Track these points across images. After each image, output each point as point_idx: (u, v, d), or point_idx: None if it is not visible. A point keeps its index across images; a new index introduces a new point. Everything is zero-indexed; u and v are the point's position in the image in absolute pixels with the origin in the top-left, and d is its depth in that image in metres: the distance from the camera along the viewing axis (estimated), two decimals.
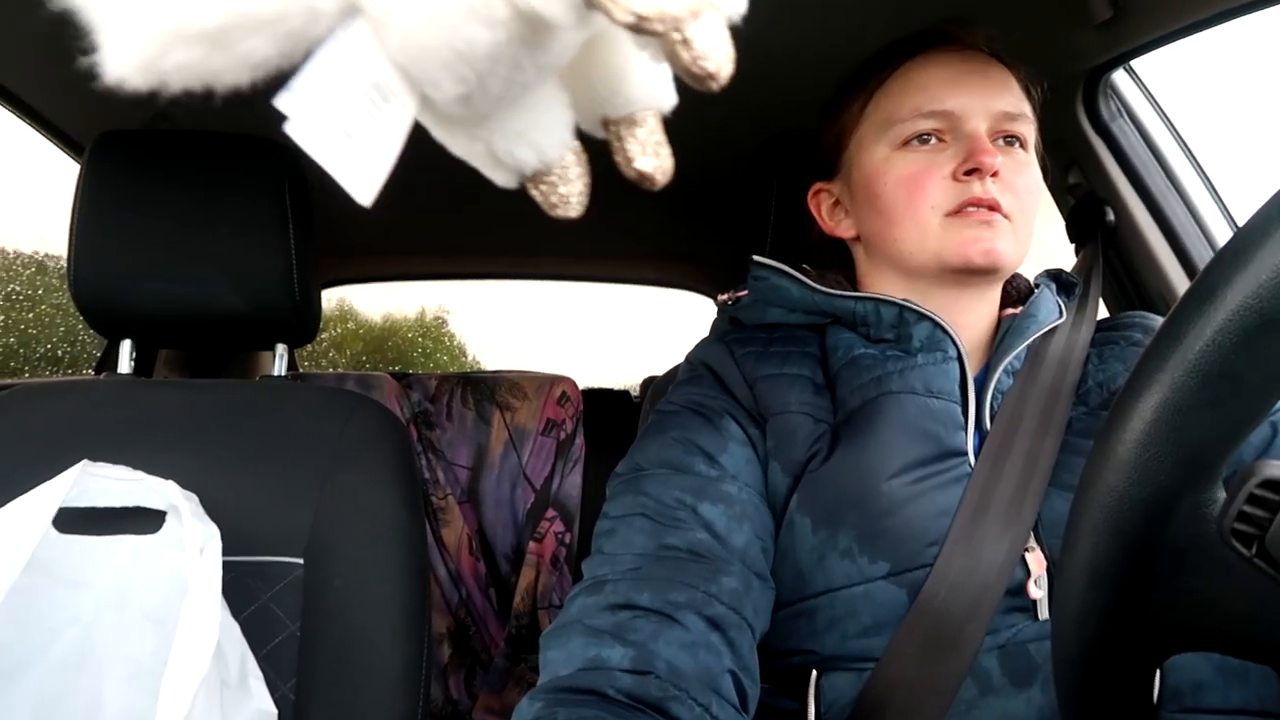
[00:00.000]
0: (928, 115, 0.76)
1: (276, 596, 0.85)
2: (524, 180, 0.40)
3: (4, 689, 0.75)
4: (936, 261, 0.76)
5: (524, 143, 0.38)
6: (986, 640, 0.64)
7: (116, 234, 1.00)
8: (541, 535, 1.62)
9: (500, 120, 0.37)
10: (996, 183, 0.74)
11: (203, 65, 0.29)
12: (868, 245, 0.83)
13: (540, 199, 0.41)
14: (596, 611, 0.63)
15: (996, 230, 0.74)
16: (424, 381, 1.72)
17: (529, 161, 0.39)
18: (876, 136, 0.79)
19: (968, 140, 0.75)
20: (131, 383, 1.03)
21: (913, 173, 0.76)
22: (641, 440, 0.77)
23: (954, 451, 0.71)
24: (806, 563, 0.69)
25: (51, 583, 0.78)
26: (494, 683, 1.56)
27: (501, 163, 0.39)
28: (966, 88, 0.76)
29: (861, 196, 0.81)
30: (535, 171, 0.39)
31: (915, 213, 0.76)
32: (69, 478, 0.75)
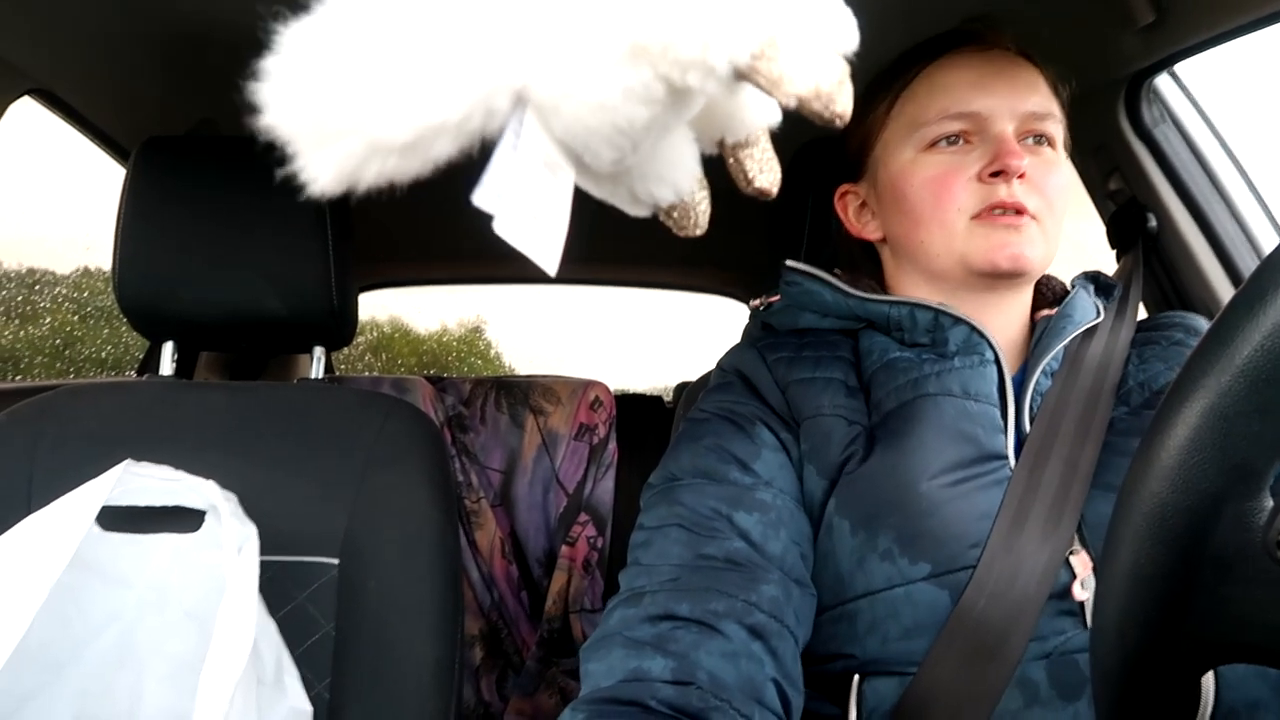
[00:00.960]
0: (954, 117, 0.75)
1: (312, 596, 0.86)
2: (657, 210, 0.43)
3: (48, 684, 0.77)
4: (962, 265, 0.75)
5: (663, 183, 0.41)
6: (1032, 648, 0.63)
7: (160, 238, 1.02)
8: (574, 539, 1.63)
9: (641, 168, 0.39)
10: (1024, 184, 0.73)
11: (393, 170, 0.32)
12: (894, 247, 0.83)
13: (672, 225, 0.43)
14: (636, 623, 0.62)
15: (1023, 234, 0.73)
16: (458, 385, 1.73)
17: (667, 199, 0.41)
18: (902, 139, 0.78)
19: (994, 142, 0.74)
20: (173, 384, 1.05)
21: (939, 174, 0.75)
22: (674, 449, 0.77)
23: (993, 455, 0.70)
24: (846, 565, 0.69)
25: (94, 580, 0.79)
26: (525, 686, 1.57)
27: (641, 202, 0.41)
28: (992, 88, 0.75)
29: (888, 199, 0.80)
30: (669, 206, 0.42)
31: (941, 215, 0.75)
32: (112, 476, 0.77)
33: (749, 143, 0.41)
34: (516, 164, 0.33)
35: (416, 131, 0.31)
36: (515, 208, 0.33)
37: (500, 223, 0.32)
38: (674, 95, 0.32)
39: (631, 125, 0.33)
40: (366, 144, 0.31)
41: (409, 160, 0.32)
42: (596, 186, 0.40)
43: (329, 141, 0.31)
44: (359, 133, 0.31)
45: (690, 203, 0.42)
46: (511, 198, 0.33)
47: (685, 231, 0.43)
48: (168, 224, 1.03)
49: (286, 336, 1.11)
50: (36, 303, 1.72)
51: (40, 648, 0.74)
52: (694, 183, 0.42)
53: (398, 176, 0.33)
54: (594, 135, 0.33)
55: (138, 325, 1.08)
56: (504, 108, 0.33)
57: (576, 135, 0.34)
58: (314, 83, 0.31)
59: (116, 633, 0.79)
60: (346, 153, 0.31)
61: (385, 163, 0.32)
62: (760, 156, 0.41)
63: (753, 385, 0.79)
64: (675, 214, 0.43)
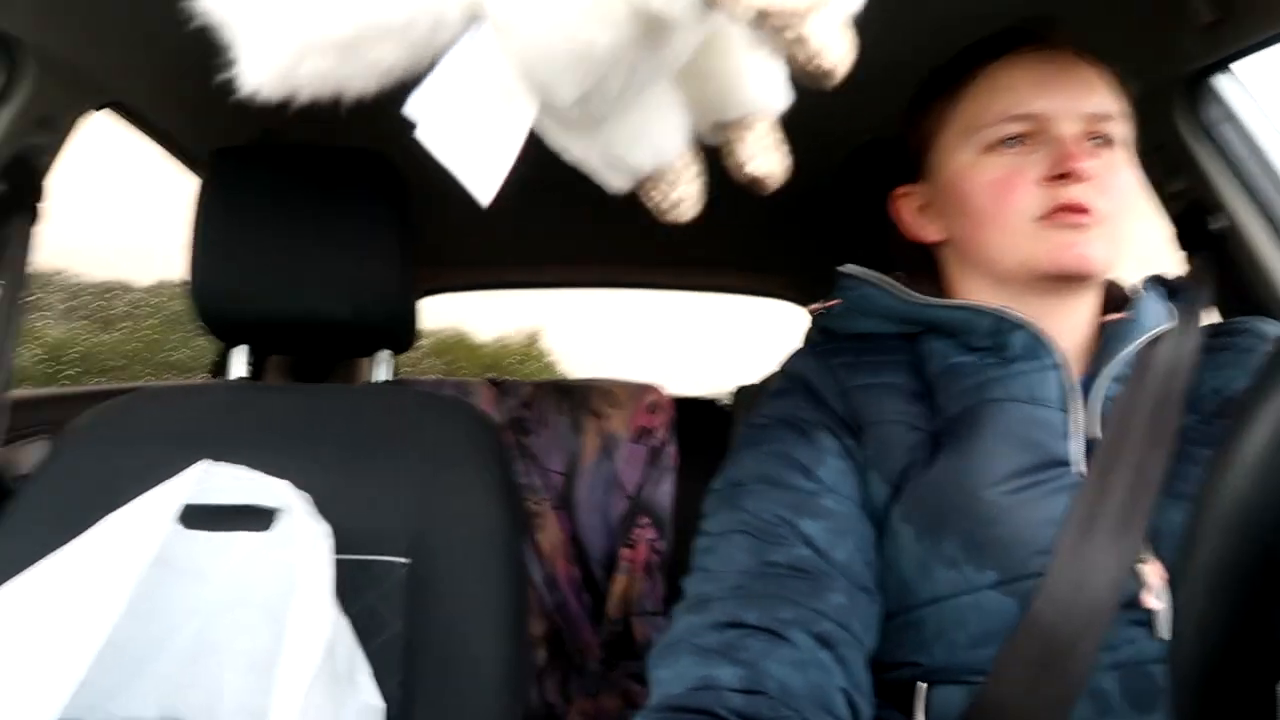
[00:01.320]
0: (1014, 119, 0.74)
1: (382, 595, 0.87)
2: (639, 184, 0.40)
3: (133, 676, 0.79)
4: (1026, 267, 0.73)
5: (641, 144, 0.38)
6: (1103, 657, 0.61)
7: (232, 245, 1.05)
8: (634, 542, 1.63)
9: (617, 122, 0.37)
10: (1089, 186, 0.71)
11: (333, 74, 0.31)
12: (956, 249, 0.81)
13: (654, 203, 0.41)
14: (703, 630, 0.62)
15: (1089, 234, 0.71)
16: (519, 388, 1.75)
17: (645, 163, 0.39)
18: (962, 140, 0.77)
19: (1057, 144, 0.72)
20: (247, 387, 1.08)
21: (1000, 177, 0.74)
22: (736, 455, 0.76)
23: (1058, 460, 0.68)
24: (911, 572, 0.68)
25: (174, 576, 0.82)
26: (589, 688, 1.57)
27: (618, 165, 0.39)
28: (1054, 89, 0.73)
29: (949, 201, 0.79)
30: (651, 174, 0.40)
31: (1004, 218, 0.73)
32: (192, 475, 0.79)
33: (745, 125, 0.39)
34: (461, 78, 0.31)
35: (355, 28, 0.30)
36: (452, 125, 0.31)
37: (426, 132, 0.31)
38: (639, 24, 0.31)
39: (591, 50, 0.31)
40: (304, 38, 0.30)
41: (350, 63, 0.31)
42: (567, 141, 0.38)
43: (267, 35, 0.30)
44: (297, 26, 0.30)
45: (675, 180, 0.40)
46: (450, 114, 0.31)
47: (668, 216, 0.40)
48: (238, 232, 1.05)
49: (352, 340, 1.13)
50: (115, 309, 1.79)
51: (125, 642, 0.76)
52: (677, 151, 0.40)
53: (339, 81, 0.31)
54: (552, 62, 0.32)
55: (211, 330, 1.11)
56: (454, 18, 0.31)
57: (534, 60, 0.32)
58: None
59: (196, 628, 0.82)
60: (281, 48, 0.30)
61: (322, 61, 0.30)
62: (756, 142, 0.39)
63: (814, 391, 0.78)
64: (659, 190, 0.40)
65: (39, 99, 1.06)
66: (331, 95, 0.31)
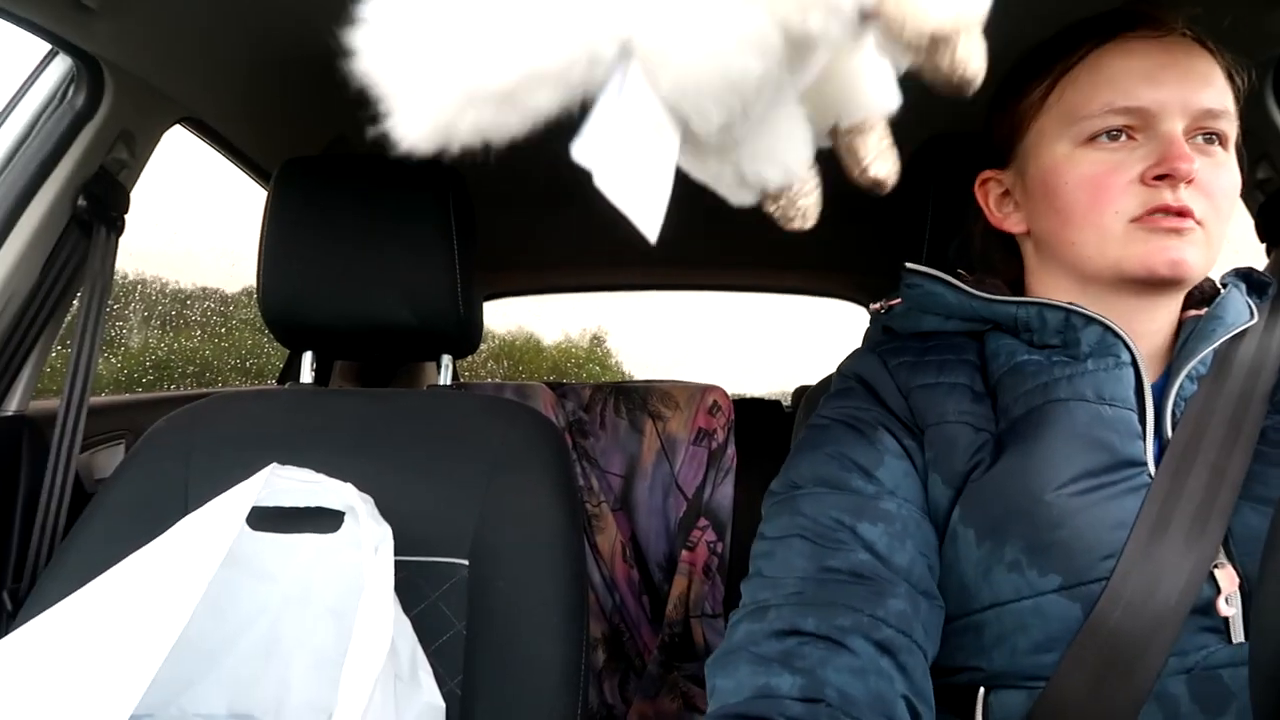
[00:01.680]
0: (1119, 111, 0.69)
1: (444, 595, 0.89)
2: (763, 198, 0.40)
3: (205, 672, 0.82)
4: (1116, 270, 0.70)
5: (772, 162, 0.38)
6: (1172, 663, 0.59)
7: (300, 253, 1.08)
8: (693, 544, 1.63)
9: (751, 143, 0.37)
10: (1190, 188, 0.67)
11: (491, 123, 0.31)
12: (1040, 244, 0.78)
13: (779, 214, 0.41)
14: (762, 638, 0.61)
15: (1186, 239, 0.67)
16: (578, 391, 1.76)
17: (775, 180, 0.39)
18: (1059, 130, 0.73)
19: (1162, 141, 0.68)
20: (313, 392, 1.11)
21: (1097, 173, 0.70)
22: (795, 456, 0.75)
23: (1130, 461, 0.66)
24: (971, 576, 0.66)
25: (244, 576, 0.84)
26: (647, 689, 1.58)
27: (748, 184, 0.39)
28: (1164, 82, 0.69)
29: (1037, 192, 0.76)
30: (777, 189, 0.40)
31: (1097, 217, 0.70)
32: (261, 479, 0.81)
33: (865, 128, 0.39)
34: (620, 117, 0.31)
35: (515, 78, 0.30)
36: (616, 163, 0.31)
37: (600, 178, 0.31)
38: (791, 48, 0.30)
39: (744, 79, 0.31)
40: (463, 91, 0.30)
41: (506, 112, 0.30)
42: (702, 164, 0.38)
43: (424, 89, 0.30)
44: (455, 79, 0.30)
45: (800, 190, 0.40)
46: (612, 152, 0.31)
47: (791, 224, 0.40)
48: (306, 240, 1.08)
49: (416, 345, 1.15)
50: (189, 317, 1.86)
51: (198, 638, 0.78)
52: (804, 166, 0.40)
53: (495, 131, 0.31)
54: (704, 91, 0.31)
55: (280, 336, 1.14)
56: (609, 57, 0.31)
57: (685, 91, 0.32)
58: (411, 26, 0.30)
59: (265, 626, 0.84)
60: (442, 101, 0.30)
61: (481, 113, 0.30)
62: (876, 144, 0.39)
63: (875, 391, 0.77)
64: (782, 202, 0.40)
65: (119, 116, 1.11)
66: (484, 141, 0.31)
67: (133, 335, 1.95)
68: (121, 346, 2.02)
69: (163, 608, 0.69)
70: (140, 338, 2.00)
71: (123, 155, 1.14)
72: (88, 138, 1.08)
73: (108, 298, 1.14)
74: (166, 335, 2.04)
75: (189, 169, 1.47)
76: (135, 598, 0.70)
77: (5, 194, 1.02)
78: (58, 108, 1.06)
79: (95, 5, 0.94)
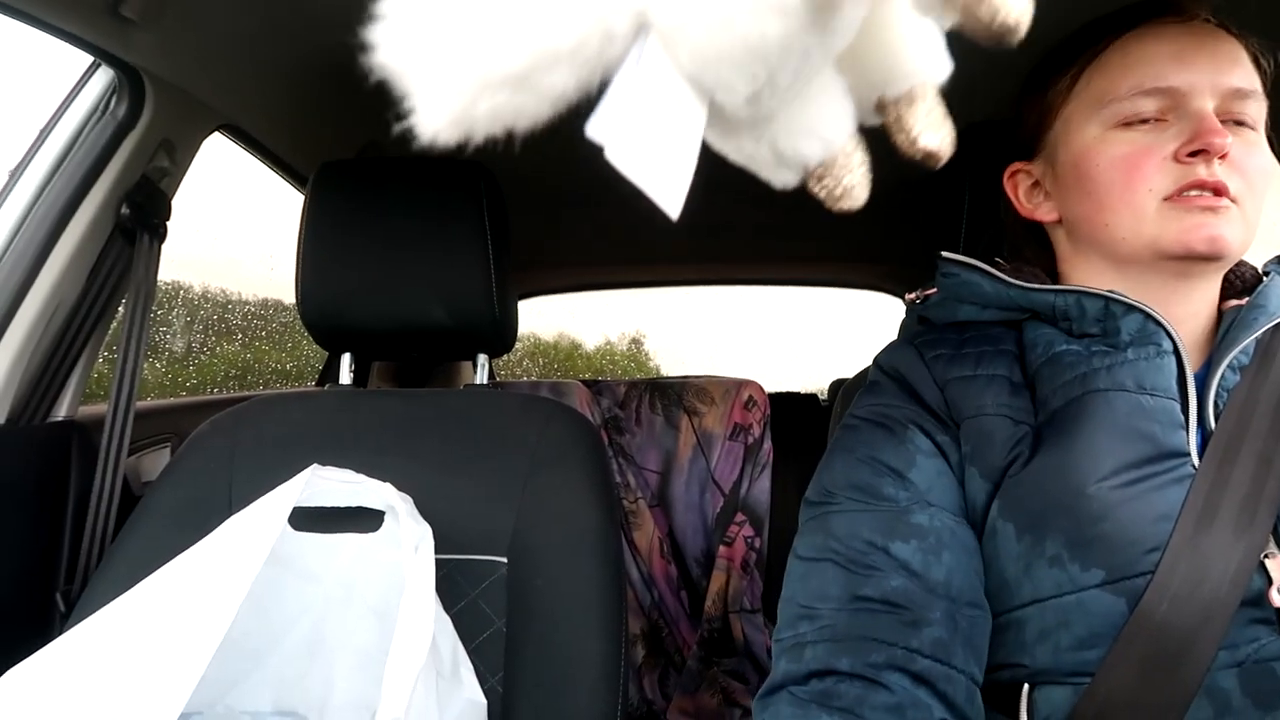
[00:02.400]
0: (1149, 93, 0.69)
1: (484, 593, 0.89)
2: (806, 176, 0.39)
3: (250, 671, 0.83)
4: (1152, 249, 0.69)
5: (810, 135, 0.37)
6: (1222, 656, 0.58)
7: (337, 256, 1.09)
8: (731, 539, 1.62)
9: (785, 116, 0.36)
10: (1224, 165, 0.67)
11: (509, 107, 0.31)
12: (1073, 230, 0.77)
13: (824, 193, 0.39)
14: (800, 678, 0.62)
15: (1222, 216, 0.67)
16: (613, 388, 1.77)
17: (815, 155, 0.38)
18: (1089, 114, 0.73)
19: (1194, 119, 0.68)
20: (352, 393, 1.12)
21: (1130, 153, 0.70)
22: (828, 459, 0.75)
23: (1173, 452, 0.65)
24: (1012, 572, 0.66)
25: (288, 575, 0.86)
26: (687, 685, 1.58)
27: (787, 161, 0.38)
28: (1192, 63, 0.69)
29: (1069, 178, 0.75)
30: (820, 165, 0.38)
31: (1131, 196, 0.69)
32: (302, 480, 0.82)
33: (913, 98, 0.37)
34: (638, 93, 0.31)
35: (528, 60, 0.29)
36: (634, 141, 0.31)
37: (618, 156, 0.30)
38: (811, 5, 0.29)
39: (764, 42, 0.30)
40: (479, 77, 0.30)
41: (525, 95, 0.30)
42: (736, 143, 0.37)
43: (441, 78, 0.30)
44: (471, 65, 0.30)
45: (845, 165, 0.38)
46: (631, 130, 0.31)
47: (840, 204, 0.39)
48: (343, 243, 1.10)
49: (452, 345, 1.16)
50: (230, 321, 1.89)
51: (243, 638, 0.80)
52: (846, 138, 0.38)
53: (515, 115, 0.31)
54: (724, 60, 0.31)
55: (319, 338, 1.16)
56: (624, 31, 0.30)
57: (705, 62, 0.31)
58: (424, 17, 0.30)
59: (308, 625, 0.85)
60: (458, 89, 0.30)
61: (498, 97, 0.30)
62: (927, 114, 0.37)
63: (908, 385, 0.76)
64: (827, 180, 0.39)
65: (160, 125, 1.13)
66: (506, 129, 0.31)
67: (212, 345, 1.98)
68: (203, 354, 2.05)
69: (209, 608, 0.70)
70: (222, 347, 2.03)
71: (164, 163, 1.17)
72: (130, 147, 1.10)
73: (151, 304, 1.16)
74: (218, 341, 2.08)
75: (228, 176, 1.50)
76: (182, 598, 0.72)
77: (51, 204, 1.05)
78: (100, 119, 1.09)
79: (135, 17, 0.96)
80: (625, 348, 5.38)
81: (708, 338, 3.73)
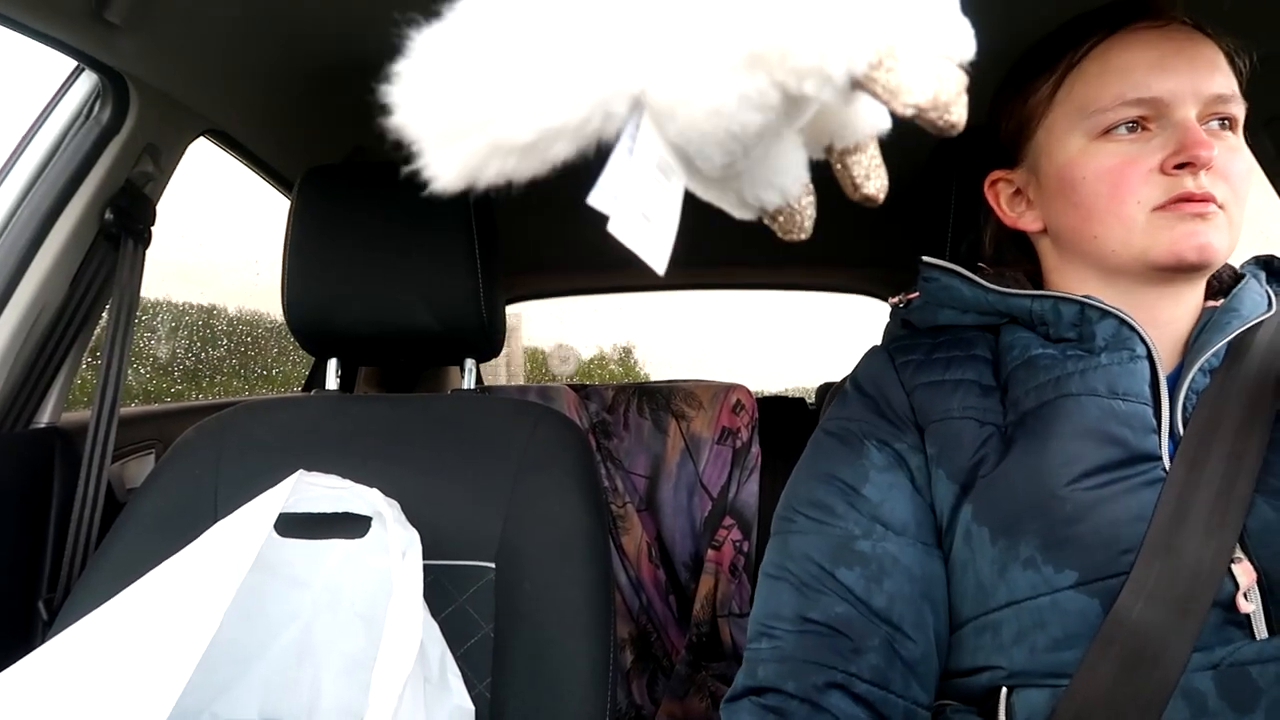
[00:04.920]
0: (1132, 103, 0.69)
1: (471, 598, 0.89)
2: (763, 215, 0.44)
3: (238, 677, 0.83)
4: (1142, 260, 0.70)
5: (770, 188, 0.41)
6: (1197, 658, 0.59)
7: (324, 260, 1.09)
8: (719, 543, 1.62)
9: (751, 173, 0.40)
10: (1210, 173, 0.67)
11: (513, 169, 0.33)
12: (1058, 239, 0.78)
13: (777, 229, 0.44)
14: (756, 694, 0.67)
15: (1210, 223, 0.67)
16: (601, 392, 1.76)
17: (774, 202, 0.42)
18: (1071, 124, 0.73)
19: (1178, 129, 0.68)
20: (339, 398, 1.11)
21: (1115, 165, 0.70)
22: (796, 473, 0.78)
23: (1145, 455, 0.65)
24: (988, 574, 0.66)
25: (275, 581, 0.85)
26: (676, 689, 1.58)
27: (749, 205, 0.42)
28: (1174, 70, 0.69)
29: (1053, 189, 0.75)
30: (775, 209, 0.43)
31: (1119, 208, 0.70)
32: (288, 486, 0.82)
33: (857, 149, 0.41)
34: (632, 166, 0.34)
35: (537, 132, 0.32)
36: (629, 209, 0.34)
37: (615, 223, 0.33)
38: (789, 103, 0.33)
39: (745, 130, 0.33)
40: (489, 144, 0.32)
41: (528, 160, 0.33)
42: (704, 189, 0.41)
43: (454, 140, 0.33)
44: (483, 133, 0.32)
45: (796, 208, 0.43)
46: (626, 199, 0.34)
47: (789, 236, 0.44)
48: (330, 248, 1.09)
49: (439, 350, 1.16)
50: (216, 327, 1.89)
51: (229, 644, 0.79)
52: (801, 188, 0.43)
53: (516, 176, 0.34)
54: (707, 140, 0.34)
55: (305, 343, 1.15)
56: (621, 112, 0.33)
57: (690, 139, 0.34)
58: (442, 84, 0.33)
59: (296, 631, 0.85)
60: (470, 151, 0.33)
61: (505, 162, 0.33)
62: (867, 163, 0.41)
63: (874, 395, 0.78)
64: (781, 218, 0.43)
65: (145, 130, 1.12)
66: (506, 182, 0.34)
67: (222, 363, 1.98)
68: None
69: (194, 615, 0.70)
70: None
71: (148, 168, 1.16)
72: (114, 152, 1.10)
73: (136, 309, 1.15)
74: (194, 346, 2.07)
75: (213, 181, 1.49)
76: (167, 605, 0.71)
77: (35, 209, 1.04)
78: (84, 124, 1.08)
79: (120, 22, 0.96)
80: (618, 358, 5.47)
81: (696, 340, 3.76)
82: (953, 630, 0.69)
